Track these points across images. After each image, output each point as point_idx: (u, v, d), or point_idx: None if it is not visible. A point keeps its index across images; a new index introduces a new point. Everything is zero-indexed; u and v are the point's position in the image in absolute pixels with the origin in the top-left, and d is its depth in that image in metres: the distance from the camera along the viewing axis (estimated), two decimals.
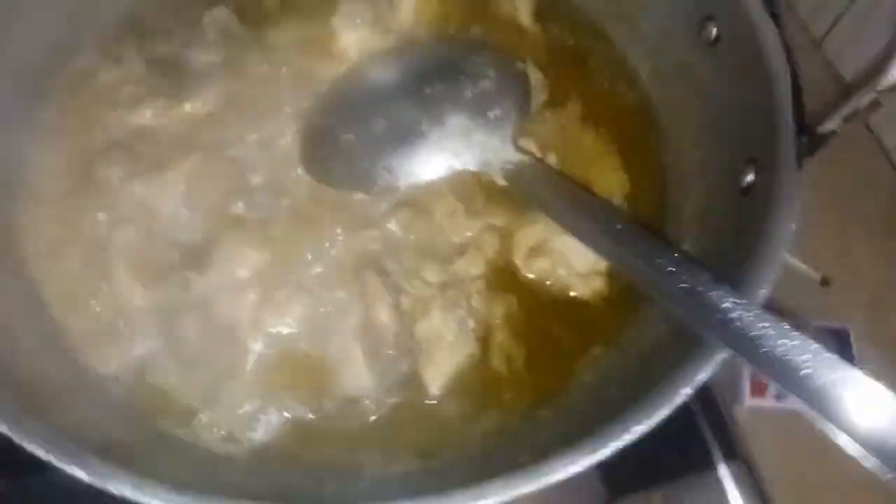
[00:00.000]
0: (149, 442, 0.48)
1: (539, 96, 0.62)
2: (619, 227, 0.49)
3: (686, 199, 0.59)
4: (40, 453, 0.37)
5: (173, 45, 0.62)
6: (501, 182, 0.55)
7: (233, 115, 0.58)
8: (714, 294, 0.41)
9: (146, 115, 0.58)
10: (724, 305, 0.40)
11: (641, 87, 0.65)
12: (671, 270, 0.44)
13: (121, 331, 0.51)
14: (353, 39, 0.61)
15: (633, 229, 0.49)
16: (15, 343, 0.48)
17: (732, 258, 0.47)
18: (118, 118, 0.58)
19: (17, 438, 0.38)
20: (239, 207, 0.55)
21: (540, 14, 0.67)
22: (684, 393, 0.40)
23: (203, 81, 0.60)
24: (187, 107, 0.58)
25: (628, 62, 0.66)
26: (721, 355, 0.41)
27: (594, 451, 0.38)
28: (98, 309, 0.51)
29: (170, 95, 0.59)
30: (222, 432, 0.49)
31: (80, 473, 0.37)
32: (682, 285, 0.43)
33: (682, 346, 0.44)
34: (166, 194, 0.55)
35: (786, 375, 0.38)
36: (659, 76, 0.64)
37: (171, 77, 0.60)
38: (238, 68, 0.60)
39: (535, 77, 0.63)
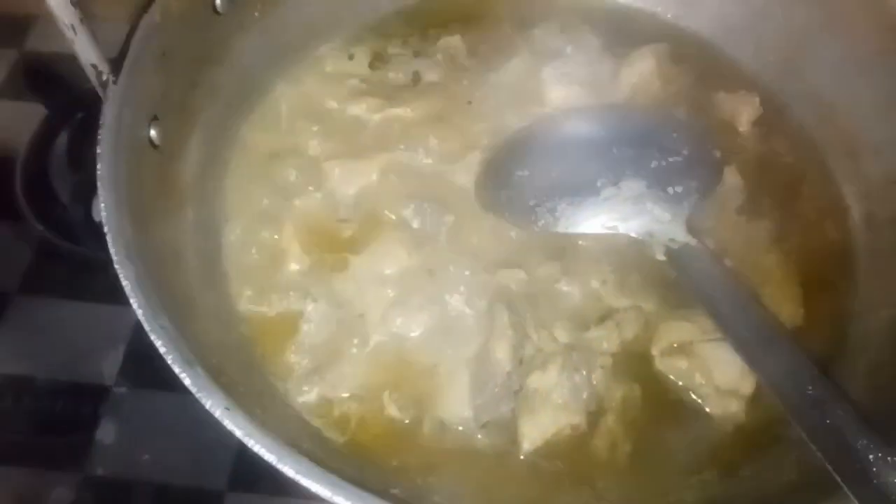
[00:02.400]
0: (253, 384, 0.51)
1: (735, 199, 0.60)
2: (777, 342, 0.46)
3: (863, 352, 0.53)
4: (161, 349, 0.40)
5: (405, 56, 0.67)
6: (660, 257, 0.53)
7: (432, 129, 0.62)
8: (860, 443, 0.36)
9: (361, 108, 0.63)
10: (869, 457, 0.35)
11: (850, 229, 0.60)
12: (820, 401, 0.40)
13: (269, 278, 0.55)
14: (560, 94, 0.63)
15: (792, 349, 0.46)
16: (185, 264, 0.53)
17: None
18: (338, 104, 0.64)
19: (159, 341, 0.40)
20: (408, 210, 0.57)
21: (761, 123, 0.64)
22: None
23: (417, 93, 0.64)
24: (397, 111, 0.63)
25: (843, 200, 0.62)
26: None
27: None
28: (257, 255, 0.56)
29: (385, 97, 0.63)
30: (315, 401, 0.50)
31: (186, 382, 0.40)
32: (828, 422, 0.39)
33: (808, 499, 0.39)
34: (353, 179, 0.59)
35: None
36: (872, 223, 0.59)
37: (392, 82, 0.65)
38: (451, 91, 0.64)
39: (733, 181, 0.60)
